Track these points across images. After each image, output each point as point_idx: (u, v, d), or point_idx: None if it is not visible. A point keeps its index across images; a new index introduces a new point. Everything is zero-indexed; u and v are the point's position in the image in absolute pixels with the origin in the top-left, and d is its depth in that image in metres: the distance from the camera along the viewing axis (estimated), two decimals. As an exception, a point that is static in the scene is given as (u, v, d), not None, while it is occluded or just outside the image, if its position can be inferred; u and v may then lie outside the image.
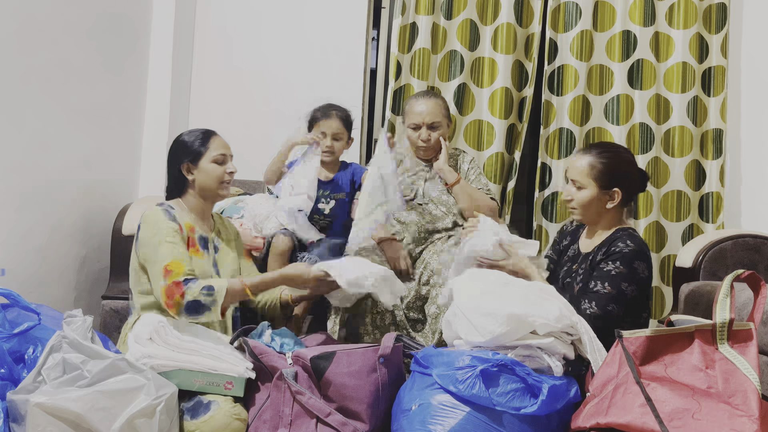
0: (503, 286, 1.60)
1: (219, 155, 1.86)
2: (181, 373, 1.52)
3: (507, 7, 2.85)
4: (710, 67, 2.88)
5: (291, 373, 1.52)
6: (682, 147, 2.85)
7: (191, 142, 1.87)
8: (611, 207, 1.83)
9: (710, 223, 2.84)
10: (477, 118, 2.89)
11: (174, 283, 1.66)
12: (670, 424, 1.26)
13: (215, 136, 1.90)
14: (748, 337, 1.36)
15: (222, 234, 1.95)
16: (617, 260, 1.73)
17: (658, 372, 1.36)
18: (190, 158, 1.85)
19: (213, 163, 1.85)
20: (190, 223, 1.82)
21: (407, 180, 2.42)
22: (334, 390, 1.52)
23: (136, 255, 1.77)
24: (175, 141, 1.91)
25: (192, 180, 1.86)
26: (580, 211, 1.86)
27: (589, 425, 1.35)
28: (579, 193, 1.84)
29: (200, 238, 1.84)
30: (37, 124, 2.07)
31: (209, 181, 1.85)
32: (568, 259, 1.93)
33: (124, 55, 2.62)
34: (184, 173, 1.86)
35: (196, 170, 1.85)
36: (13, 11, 1.91)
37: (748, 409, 1.25)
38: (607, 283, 1.71)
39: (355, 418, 1.51)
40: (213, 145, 1.86)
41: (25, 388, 1.40)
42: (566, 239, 2.03)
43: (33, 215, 2.08)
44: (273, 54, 3.01)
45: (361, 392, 1.52)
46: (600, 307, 1.69)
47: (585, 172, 1.83)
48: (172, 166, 1.88)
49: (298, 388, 1.50)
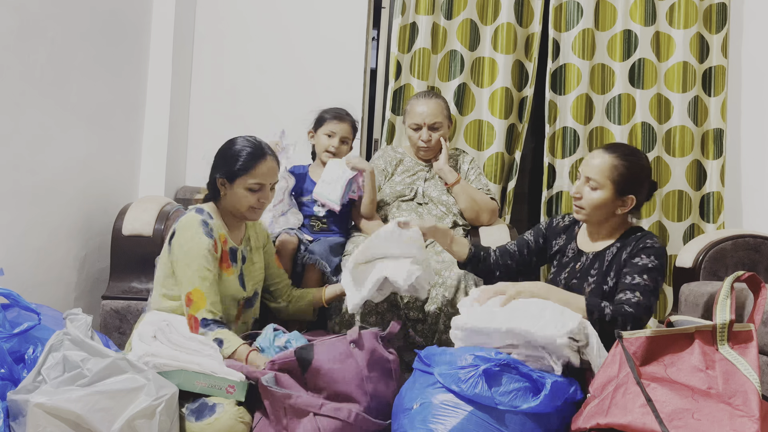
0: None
1: (255, 184, 1.76)
2: (184, 373, 1.52)
3: (507, 7, 2.85)
4: (711, 67, 2.88)
5: (270, 379, 1.52)
6: (683, 147, 2.85)
7: (235, 158, 1.76)
8: (620, 213, 1.78)
9: (711, 223, 2.84)
10: (477, 118, 2.89)
11: (193, 318, 1.67)
12: (670, 425, 1.26)
13: (262, 160, 1.77)
14: (749, 338, 1.36)
15: (251, 241, 1.93)
16: (651, 255, 1.70)
17: (658, 372, 1.36)
18: (227, 176, 1.78)
19: (245, 190, 1.76)
20: (223, 234, 1.79)
21: (407, 180, 2.42)
22: (324, 376, 1.55)
23: (168, 256, 1.75)
24: (225, 146, 1.82)
25: (224, 195, 1.81)
26: (588, 211, 1.78)
27: (589, 426, 1.35)
28: (593, 193, 1.75)
29: (230, 250, 1.81)
30: (37, 123, 2.07)
31: (237, 205, 1.79)
32: (569, 260, 1.88)
33: (124, 54, 2.62)
34: (218, 185, 1.81)
35: (229, 189, 1.78)
36: (13, 10, 1.91)
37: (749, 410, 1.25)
38: (646, 275, 1.67)
39: (348, 399, 1.55)
40: (255, 171, 1.76)
41: (25, 388, 1.40)
42: (560, 237, 1.95)
43: (33, 215, 2.08)
44: (273, 54, 3.01)
45: (347, 374, 1.55)
46: (645, 298, 1.64)
47: (605, 172, 1.74)
48: (213, 171, 1.82)
49: (282, 392, 1.51)
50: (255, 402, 1.58)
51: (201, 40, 3.02)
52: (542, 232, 1.99)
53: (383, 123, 2.89)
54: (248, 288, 1.86)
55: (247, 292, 1.86)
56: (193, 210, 1.78)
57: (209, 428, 1.46)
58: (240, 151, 1.78)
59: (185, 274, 1.69)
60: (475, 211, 2.36)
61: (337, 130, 2.30)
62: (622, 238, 1.78)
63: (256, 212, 1.82)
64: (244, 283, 1.85)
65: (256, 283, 1.91)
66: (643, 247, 1.72)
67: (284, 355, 1.57)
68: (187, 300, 1.68)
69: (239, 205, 1.79)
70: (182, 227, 1.73)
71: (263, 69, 3.01)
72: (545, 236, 1.99)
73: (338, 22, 3.01)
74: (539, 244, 1.98)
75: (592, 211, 1.77)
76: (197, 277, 1.68)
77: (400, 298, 2.08)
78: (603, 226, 1.82)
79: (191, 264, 1.69)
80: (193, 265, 1.69)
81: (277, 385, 1.52)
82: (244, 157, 1.77)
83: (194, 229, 1.72)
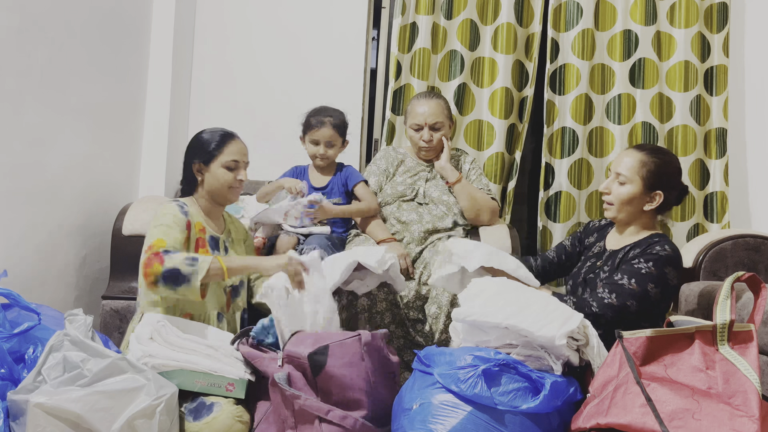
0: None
1: (231, 161, 1.84)
2: (183, 373, 1.52)
3: (507, 7, 2.85)
4: (712, 66, 2.88)
5: (283, 378, 1.51)
6: (686, 146, 2.85)
7: (207, 143, 1.85)
8: (648, 210, 1.81)
9: (715, 223, 2.84)
10: (477, 118, 2.89)
11: (153, 254, 1.62)
12: (670, 424, 1.25)
13: (233, 140, 1.87)
14: (749, 338, 1.35)
15: (232, 234, 1.95)
16: (650, 261, 1.71)
17: (658, 372, 1.36)
18: (203, 159, 1.85)
19: (223, 168, 1.83)
20: (201, 223, 1.82)
21: (408, 180, 2.42)
22: (335, 382, 1.52)
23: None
24: (194, 138, 1.90)
25: (201, 180, 1.86)
26: (617, 207, 1.83)
27: (589, 426, 1.35)
28: (621, 188, 1.81)
29: (211, 238, 1.84)
30: (37, 123, 2.07)
31: (217, 186, 1.84)
32: (593, 256, 1.92)
33: (124, 55, 2.62)
34: (194, 173, 1.86)
35: (207, 172, 1.85)
36: (13, 10, 1.91)
37: (749, 410, 1.25)
38: (634, 280, 1.70)
39: (356, 406, 1.52)
40: (228, 150, 1.84)
41: (25, 388, 1.40)
42: (592, 236, 2.00)
43: (33, 215, 2.08)
44: (273, 54, 3.01)
45: (357, 381, 1.53)
46: (619, 300, 1.68)
47: (635, 168, 1.80)
48: (187, 162, 1.88)
49: (292, 392, 1.49)
50: (256, 400, 1.57)
51: (201, 41, 3.02)
52: (578, 236, 2.05)
53: (383, 123, 2.89)
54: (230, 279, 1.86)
55: (233, 279, 1.87)
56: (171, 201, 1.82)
57: (207, 427, 1.45)
58: (210, 136, 1.87)
59: (150, 234, 1.69)
60: (476, 211, 2.36)
61: (319, 137, 2.28)
62: (645, 240, 1.80)
63: (236, 191, 1.87)
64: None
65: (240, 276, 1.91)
66: (648, 251, 1.74)
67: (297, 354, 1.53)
68: (147, 248, 1.66)
69: (219, 185, 1.84)
70: (156, 212, 1.77)
71: (263, 69, 3.01)
72: (581, 239, 2.04)
73: (338, 22, 3.01)
74: (575, 248, 2.03)
75: (620, 206, 1.82)
76: (161, 232, 1.68)
77: (400, 298, 2.08)
78: (630, 225, 1.86)
79: (158, 226, 1.70)
80: (160, 226, 1.70)
81: (289, 385, 1.52)
82: (216, 140, 1.86)
83: (168, 209, 1.76)
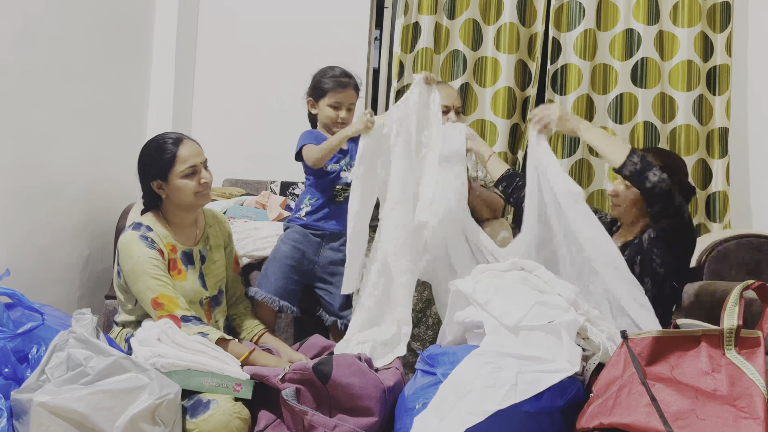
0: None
1: (188, 168, 1.73)
2: (192, 373, 1.52)
3: (510, 7, 2.85)
4: (715, 66, 2.87)
5: (291, 394, 1.52)
6: (689, 146, 2.84)
7: (157, 157, 1.74)
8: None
9: (717, 222, 2.83)
10: (480, 117, 2.89)
11: (171, 316, 1.65)
12: (674, 424, 1.25)
13: (182, 144, 1.75)
14: (756, 343, 1.34)
15: (211, 239, 1.89)
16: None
17: (663, 373, 1.35)
18: (159, 176, 1.74)
19: (183, 179, 1.73)
20: (170, 243, 1.76)
21: None
22: (344, 391, 1.52)
23: (119, 278, 1.75)
24: (142, 154, 1.78)
25: (166, 196, 1.77)
26: (624, 208, 1.90)
27: (592, 425, 1.35)
28: (628, 191, 1.87)
29: (183, 254, 1.79)
30: (40, 124, 2.07)
31: (182, 197, 1.75)
32: None
33: (127, 55, 2.62)
34: (155, 191, 1.77)
35: (168, 187, 1.75)
36: (15, 10, 1.91)
37: (754, 412, 1.24)
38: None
39: (367, 414, 1.52)
40: (181, 158, 1.73)
41: (28, 387, 1.40)
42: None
43: (36, 215, 2.08)
44: (275, 54, 3.01)
45: (368, 389, 1.53)
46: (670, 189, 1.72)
47: None
48: (144, 182, 1.78)
49: (301, 408, 1.50)
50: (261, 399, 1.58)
51: (204, 41, 3.02)
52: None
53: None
54: (210, 286, 1.84)
55: (210, 291, 1.84)
56: (130, 228, 1.75)
57: (204, 424, 1.45)
58: (159, 147, 1.75)
59: (141, 289, 1.68)
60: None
61: (342, 99, 2.04)
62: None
63: (203, 195, 1.77)
64: (205, 283, 1.83)
65: (219, 281, 1.89)
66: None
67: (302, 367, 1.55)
68: (155, 304, 1.66)
69: (185, 196, 1.75)
70: (121, 250, 1.72)
71: (265, 69, 3.01)
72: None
73: (341, 22, 3.01)
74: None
75: (628, 208, 1.89)
76: (156, 285, 1.67)
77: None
78: (636, 226, 1.90)
79: (142, 278, 1.68)
80: (145, 279, 1.67)
81: (297, 400, 1.52)
82: (166, 150, 1.73)
83: (133, 247, 1.70)
